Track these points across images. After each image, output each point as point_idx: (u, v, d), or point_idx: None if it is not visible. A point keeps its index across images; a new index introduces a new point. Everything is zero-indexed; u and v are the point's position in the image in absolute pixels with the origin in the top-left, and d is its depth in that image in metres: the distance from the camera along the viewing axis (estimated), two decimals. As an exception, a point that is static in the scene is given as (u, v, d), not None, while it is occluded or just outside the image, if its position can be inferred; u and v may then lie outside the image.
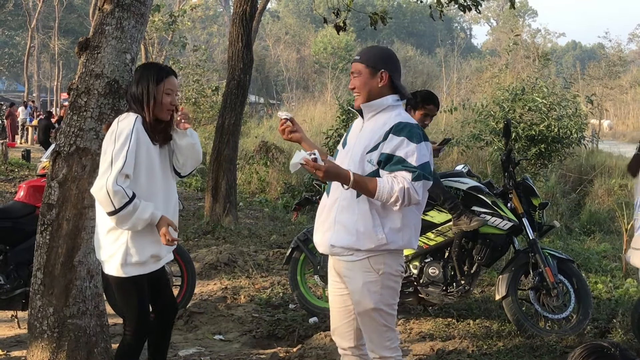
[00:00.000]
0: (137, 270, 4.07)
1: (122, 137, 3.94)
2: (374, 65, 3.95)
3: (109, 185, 3.85)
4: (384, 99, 3.94)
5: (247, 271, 8.74)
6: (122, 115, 4.13)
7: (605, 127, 42.80)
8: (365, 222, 3.83)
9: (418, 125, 3.85)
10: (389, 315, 3.97)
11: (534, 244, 6.41)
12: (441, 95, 30.22)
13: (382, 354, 4.01)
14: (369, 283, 3.91)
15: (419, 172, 3.70)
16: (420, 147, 3.75)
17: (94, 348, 4.82)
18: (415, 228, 3.96)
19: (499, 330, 6.47)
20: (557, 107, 14.84)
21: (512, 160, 6.72)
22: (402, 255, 4.03)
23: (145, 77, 4.13)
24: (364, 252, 3.87)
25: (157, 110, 4.11)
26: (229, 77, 11.65)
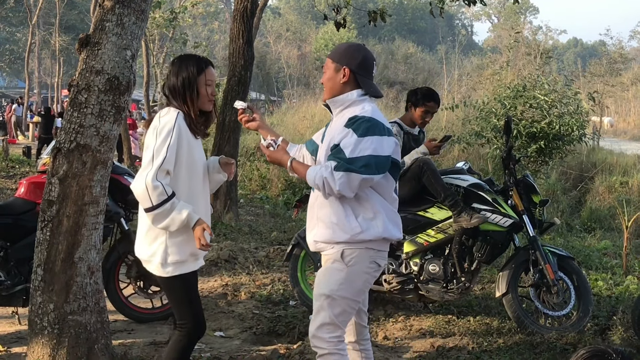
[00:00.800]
0: (179, 269, 4.00)
1: (164, 133, 3.89)
2: (338, 61, 4.01)
3: (149, 181, 3.79)
4: (348, 94, 3.98)
5: (247, 268, 8.74)
6: (162, 110, 4.07)
7: (607, 124, 42.79)
8: (338, 213, 3.91)
9: (372, 120, 3.84)
10: (339, 308, 3.94)
11: (535, 241, 6.42)
12: (442, 93, 30.23)
13: (318, 344, 3.98)
14: (334, 270, 3.95)
15: (342, 163, 3.75)
16: (363, 141, 3.78)
17: (95, 345, 4.82)
18: (389, 217, 3.97)
19: (499, 328, 6.48)
20: (558, 104, 14.83)
21: (512, 158, 6.72)
22: (379, 255, 4.00)
23: (185, 68, 4.07)
24: (342, 244, 3.91)
25: (199, 102, 4.08)
26: (230, 73, 11.64)
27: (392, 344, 6.19)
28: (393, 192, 4.03)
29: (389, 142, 3.85)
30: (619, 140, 34.61)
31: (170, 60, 4.38)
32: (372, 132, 3.80)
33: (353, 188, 3.78)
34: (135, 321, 6.58)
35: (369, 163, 3.75)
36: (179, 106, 4.04)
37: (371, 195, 3.91)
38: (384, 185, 3.96)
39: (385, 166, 3.84)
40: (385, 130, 3.87)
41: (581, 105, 15.53)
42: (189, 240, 3.98)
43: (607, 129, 40.86)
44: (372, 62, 4.06)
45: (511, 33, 32.05)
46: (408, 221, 6.61)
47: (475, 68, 46.01)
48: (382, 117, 3.94)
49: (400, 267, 6.62)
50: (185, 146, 3.96)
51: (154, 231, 3.98)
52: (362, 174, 3.75)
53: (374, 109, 3.95)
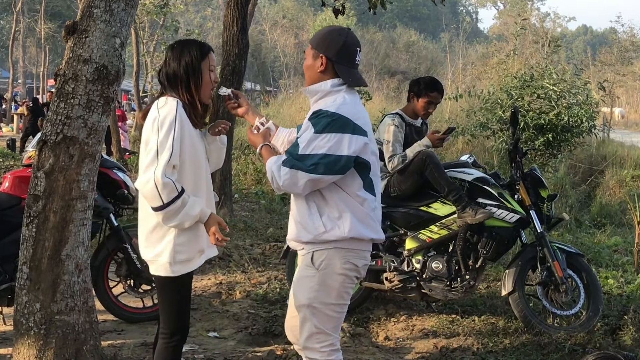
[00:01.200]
0: (186, 268, 3.96)
1: (166, 125, 3.80)
2: (317, 47, 3.94)
3: (158, 178, 3.70)
4: (321, 84, 3.92)
5: (242, 266, 8.74)
6: (160, 100, 3.95)
7: (617, 115, 42.82)
8: (302, 211, 3.88)
9: (335, 115, 3.75)
10: (324, 315, 3.90)
11: (542, 238, 6.43)
12: (446, 82, 30.21)
13: (310, 355, 3.97)
14: (306, 278, 3.91)
15: (290, 159, 3.72)
16: (319, 138, 3.71)
17: (83, 345, 4.82)
18: (357, 217, 3.85)
19: (505, 327, 6.49)
20: (567, 94, 14.83)
21: (519, 150, 6.73)
22: (354, 255, 3.91)
23: (187, 52, 3.98)
24: (310, 246, 3.88)
25: (202, 89, 4.01)
26: (224, 62, 11.62)
27: (393, 344, 6.21)
28: (362, 191, 3.88)
29: (351, 141, 3.74)
30: (630, 132, 34.65)
31: (169, 45, 4.25)
32: (330, 129, 3.71)
33: (300, 187, 3.72)
34: (126, 321, 6.59)
35: (320, 162, 3.68)
36: (179, 94, 3.97)
37: (337, 193, 3.83)
38: (349, 184, 3.84)
39: (340, 167, 3.73)
40: (350, 127, 3.74)
41: (591, 96, 15.53)
42: (197, 235, 3.96)
43: (617, 120, 40.91)
44: (354, 48, 3.94)
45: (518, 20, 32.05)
46: (410, 217, 6.62)
47: (480, 57, 46.01)
48: (354, 110, 3.83)
49: (402, 264, 6.62)
50: (187, 138, 3.90)
51: (161, 230, 3.93)
52: (310, 173, 3.68)
53: (346, 102, 3.83)
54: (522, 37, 31.84)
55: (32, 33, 52.21)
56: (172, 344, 4.06)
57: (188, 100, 3.96)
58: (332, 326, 3.94)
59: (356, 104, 3.90)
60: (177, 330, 4.06)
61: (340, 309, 3.96)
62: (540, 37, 33.29)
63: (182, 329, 4.10)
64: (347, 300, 4.00)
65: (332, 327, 3.94)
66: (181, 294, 4.05)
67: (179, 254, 3.91)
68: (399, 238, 6.79)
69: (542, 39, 32.03)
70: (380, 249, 6.79)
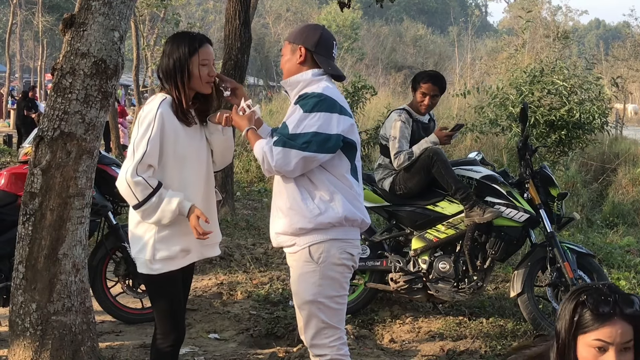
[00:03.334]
0: (167, 267, 3.98)
1: (145, 124, 3.89)
2: (294, 41, 4.07)
3: (129, 177, 3.81)
4: (302, 74, 4.02)
5: (244, 265, 8.75)
6: (151, 97, 4.07)
7: (630, 111, 42.74)
8: (294, 197, 3.93)
9: (322, 95, 3.87)
10: (329, 309, 3.97)
11: (552, 238, 6.42)
12: (454, 77, 30.21)
13: (319, 352, 4.02)
14: (307, 273, 3.96)
15: (282, 138, 3.80)
16: (309, 117, 3.82)
17: (80, 347, 4.82)
18: (347, 198, 3.95)
19: (514, 330, 6.49)
20: (578, 90, 14.78)
21: (529, 148, 6.73)
22: (349, 244, 4.01)
23: (176, 48, 4.03)
24: (305, 238, 3.92)
25: (195, 85, 4.04)
26: (226, 57, 11.62)
27: (399, 347, 6.21)
28: (349, 174, 4.01)
29: (339, 120, 3.87)
30: (643, 129, 34.57)
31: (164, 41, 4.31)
32: (319, 108, 3.84)
33: (292, 165, 3.80)
34: (124, 322, 6.60)
35: (312, 140, 3.78)
36: (170, 90, 4.02)
37: (325, 176, 3.93)
38: (338, 166, 3.96)
39: (331, 145, 3.85)
40: (337, 107, 3.89)
41: (603, 92, 15.48)
42: (177, 234, 3.98)
43: (631, 117, 40.84)
44: (331, 42, 4.10)
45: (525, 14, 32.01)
46: (416, 215, 6.62)
47: (489, 51, 45.95)
48: (338, 96, 3.97)
49: (408, 265, 6.63)
50: (171, 136, 3.93)
51: (142, 227, 3.99)
52: (303, 151, 3.78)
53: (329, 87, 3.97)
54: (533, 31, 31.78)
55: (30, 26, 52.28)
56: (166, 345, 4.08)
57: (179, 95, 3.99)
58: (338, 319, 4.02)
59: (338, 92, 4.01)
60: (171, 330, 4.07)
61: (342, 300, 4.05)
62: (551, 31, 33.15)
63: (176, 330, 4.10)
64: (347, 289, 4.10)
65: (337, 320, 4.02)
66: (169, 293, 4.06)
67: (159, 251, 3.95)
68: (404, 238, 6.79)
69: (553, 33, 31.90)
70: (385, 249, 6.79)
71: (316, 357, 4.05)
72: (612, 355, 2.29)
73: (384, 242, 6.86)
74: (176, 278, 4.06)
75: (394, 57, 57.60)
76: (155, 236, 3.96)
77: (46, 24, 45.11)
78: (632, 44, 44.13)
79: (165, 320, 4.08)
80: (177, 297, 4.12)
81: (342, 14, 55.84)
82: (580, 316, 2.33)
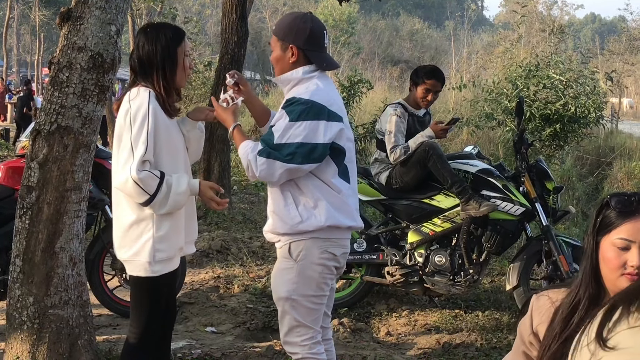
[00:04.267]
0: (167, 268, 3.89)
1: (139, 119, 3.74)
2: (284, 39, 3.92)
3: (134, 174, 3.66)
4: (292, 73, 3.92)
5: (241, 259, 8.75)
6: (132, 92, 3.86)
7: (626, 106, 42.78)
8: (278, 202, 3.90)
9: (309, 102, 3.76)
10: (303, 308, 3.91)
11: (548, 231, 6.43)
12: (450, 72, 30.18)
13: (290, 349, 3.98)
14: (284, 270, 3.92)
15: (266, 148, 3.73)
16: (294, 126, 3.72)
17: (77, 340, 4.82)
18: (333, 204, 3.86)
19: (510, 323, 6.50)
20: (574, 84, 14.78)
21: (525, 141, 6.73)
22: (332, 244, 3.91)
23: (162, 37, 3.88)
24: (287, 237, 3.89)
25: (178, 75, 3.94)
26: (223, 51, 11.60)
27: (395, 340, 6.21)
28: (337, 178, 3.90)
29: (327, 128, 3.77)
30: (639, 122, 34.58)
31: (140, 28, 4.10)
32: (305, 117, 3.73)
33: (277, 176, 3.75)
34: (121, 316, 6.59)
35: (297, 151, 3.70)
36: (153, 82, 3.88)
37: (311, 181, 3.84)
38: (325, 171, 3.86)
39: (317, 155, 3.76)
40: (325, 113, 3.77)
41: (598, 86, 15.50)
42: (176, 230, 3.92)
43: (626, 111, 40.86)
44: (321, 32, 3.96)
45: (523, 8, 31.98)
46: (413, 209, 6.62)
47: (485, 45, 45.94)
48: (328, 96, 3.85)
49: (404, 258, 6.63)
50: (163, 130, 3.84)
51: (138, 228, 3.86)
52: (287, 163, 3.71)
53: (319, 88, 3.85)
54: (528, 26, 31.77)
55: (27, 20, 52.18)
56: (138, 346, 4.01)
57: (163, 87, 3.88)
58: (312, 319, 3.95)
59: (330, 90, 3.92)
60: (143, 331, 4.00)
61: (319, 301, 3.96)
62: (547, 25, 33.14)
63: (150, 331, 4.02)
64: (326, 291, 4.00)
65: (312, 319, 3.95)
66: (162, 294, 3.99)
67: (159, 252, 3.84)
68: (401, 231, 6.80)
69: (549, 27, 31.89)
70: (382, 243, 6.80)
71: (290, 354, 4.04)
72: (635, 252, 2.30)
73: (380, 235, 6.86)
74: (173, 277, 4.00)
75: (391, 52, 57.52)
76: (154, 236, 3.83)
77: (43, 18, 45.03)
78: (627, 38, 44.19)
79: (142, 319, 3.99)
80: (164, 297, 4.04)
81: (339, 8, 55.84)
82: (604, 216, 2.36)
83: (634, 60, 43.67)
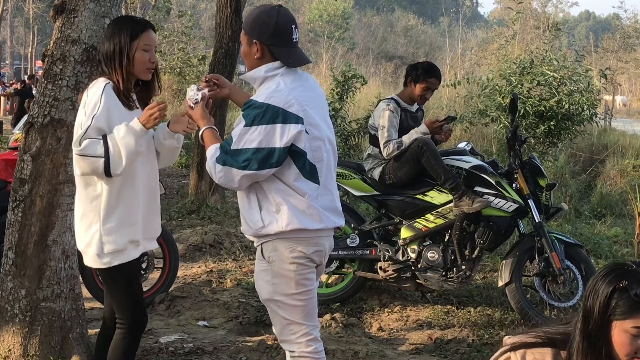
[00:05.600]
0: (118, 259, 3.88)
1: (90, 105, 3.77)
2: (249, 33, 3.81)
3: (76, 150, 3.70)
4: (255, 71, 3.82)
5: (234, 253, 8.75)
6: (92, 83, 3.93)
7: (619, 103, 42.88)
8: (244, 205, 3.85)
9: (264, 105, 3.64)
10: (288, 306, 3.85)
11: (540, 228, 6.43)
12: (444, 68, 30.17)
13: (287, 347, 3.95)
14: (261, 272, 3.88)
15: (223, 155, 3.66)
16: (249, 131, 3.63)
17: (69, 333, 4.83)
18: (298, 207, 3.75)
19: (502, 319, 6.51)
20: (568, 81, 14.78)
21: (518, 138, 6.73)
22: (302, 242, 3.80)
23: (117, 32, 3.91)
24: (256, 239, 3.85)
25: (135, 70, 3.92)
26: (217, 45, 11.60)
27: (387, 335, 6.22)
28: (302, 180, 3.76)
29: (284, 131, 3.63)
30: (632, 120, 34.58)
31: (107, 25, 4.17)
32: (260, 121, 3.62)
33: (236, 182, 3.68)
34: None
35: (252, 157, 3.61)
36: (110, 74, 3.89)
37: (274, 184, 3.74)
38: (286, 175, 3.74)
39: (274, 160, 3.64)
40: (280, 116, 3.63)
41: (592, 83, 15.50)
42: (124, 224, 3.88)
43: (619, 109, 40.94)
44: (289, 27, 3.79)
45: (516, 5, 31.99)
46: (406, 205, 6.62)
47: (480, 42, 46.00)
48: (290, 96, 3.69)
49: (397, 254, 6.64)
50: (116, 120, 3.81)
51: (87, 220, 3.88)
52: (244, 170, 3.63)
53: (278, 88, 3.71)
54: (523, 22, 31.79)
55: (20, 12, 52.05)
56: (129, 334, 4.03)
57: (121, 79, 3.89)
58: (301, 315, 3.88)
59: (294, 87, 3.75)
60: (133, 317, 4.02)
61: (304, 296, 3.87)
62: (541, 22, 33.21)
63: (139, 316, 4.05)
64: (309, 286, 3.89)
65: (301, 316, 3.88)
66: (125, 283, 3.98)
67: (107, 244, 3.85)
68: (394, 227, 6.80)
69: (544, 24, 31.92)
70: (374, 238, 6.80)
71: (288, 352, 4.00)
72: None
73: (373, 231, 6.87)
74: (129, 268, 3.97)
75: (385, 47, 57.50)
76: (101, 229, 3.84)
77: (37, 11, 44.93)
78: (621, 35, 44.26)
79: (127, 310, 4.00)
80: (135, 286, 4.06)
81: (333, 3, 55.81)
82: (619, 301, 2.29)
83: (628, 57, 43.76)
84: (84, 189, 3.89)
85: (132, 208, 3.91)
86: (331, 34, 50.07)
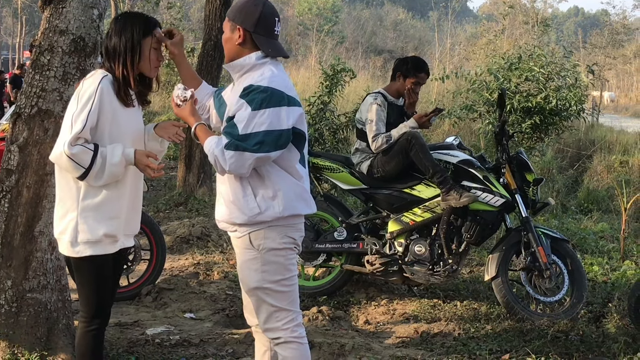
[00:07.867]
0: (90, 250, 3.84)
1: (84, 99, 3.74)
2: (233, 19, 3.85)
3: (67, 150, 3.66)
4: (245, 58, 3.85)
5: (221, 246, 8.75)
6: (90, 73, 3.92)
7: (607, 99, 43.02)
8: (236, 191, 3.85)
9: (268, 89, 3.70)
10: (277, 293, 3.89)
11: (527, 222, 6.46)
12: (433, 62, 30.22)
13: (272, 335, 3.95)
14: (249, 261, 3.89)
15: (233, 141, 3.67)
16: (257, 114, 3.67)
17: (55, 324, 4.82)
18: (294, 192, 3.85)
19: (488, 313, 6.53)
20: (555, 77, 14.82)
21: (506, 133, 6.75)
22: (292, 228, 3.89)
23: (130, 27, 3.88)
24: (245, 228, 3.85)
25: (142, 66, 3.93)
26: (206, 37, 11.58)
27: (373, 328, 6.23)
28: (298, 164, 3.89)
29: (289, 113, 3.73)
30: (619, 116, 34.80)
31: (114, 17, 4.12)
32: (267, 104, 3.68)
33: (247, 167, 3.69)
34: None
35: (264, 140, 3.65)
36: (115, 69, 3.87)
37: (273, 171, 3.81)
38: (287, 158, 3.83)
39: (284, 141, 3.73)
40: (285, 99, 3.73)
41: (580, 79, 15.55)
42: (102, 217, 3.84)
43: (607, 105, 41.07)
44: (273, 19, 3.87)
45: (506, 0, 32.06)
46: (393, 199, 6.63)
47: (469, 37, 46.11)
48: (284, 82, 3.80)
49: (384, 247, 6.65)
50: (109, 115, 3.80)
51: (64, 207, 3.86)
52: (256, 153, 3.65)
53: (274, 74, 3.79)
54: (512, 18, 31.85)
55: (9, 2, 51.76)
56: (91, 329, 3.98)
57: (122, 75, 3.87)
58: (288, 301, 3.93)
59: (284, 75, 3.86)
60: (96, 313, 3.97)
61: (291, 282, 3.93)
62: (530, 18, 33.25)
63: (101, 313, 4.01)
64: (295, 271, 3.97)
65: (288, 302, 3.93)
66: (94, 277, 3.93)
67: (81, 233, 3.82)
68: (381, 220, 6.81)
69: (532, 19, 32.00)
70: (362, 231, 6.81)
71: (272, 341, 4.01)
72: None
73: (360, 224, 6.87)
74: (102, 263, 3.93)
75: (374, 41, 57.53)
76: (77, 218, 3.82)
77: (25, 1, 44.68)
78: (609, 32, 44.42)
79: (89, 305, 3.96)
80: (104, 282, 3.99)
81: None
82: None
83: (616, 54, 43.94)
84: (61, 172, 3.87)
85: (116, 201, 3.89)
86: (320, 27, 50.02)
